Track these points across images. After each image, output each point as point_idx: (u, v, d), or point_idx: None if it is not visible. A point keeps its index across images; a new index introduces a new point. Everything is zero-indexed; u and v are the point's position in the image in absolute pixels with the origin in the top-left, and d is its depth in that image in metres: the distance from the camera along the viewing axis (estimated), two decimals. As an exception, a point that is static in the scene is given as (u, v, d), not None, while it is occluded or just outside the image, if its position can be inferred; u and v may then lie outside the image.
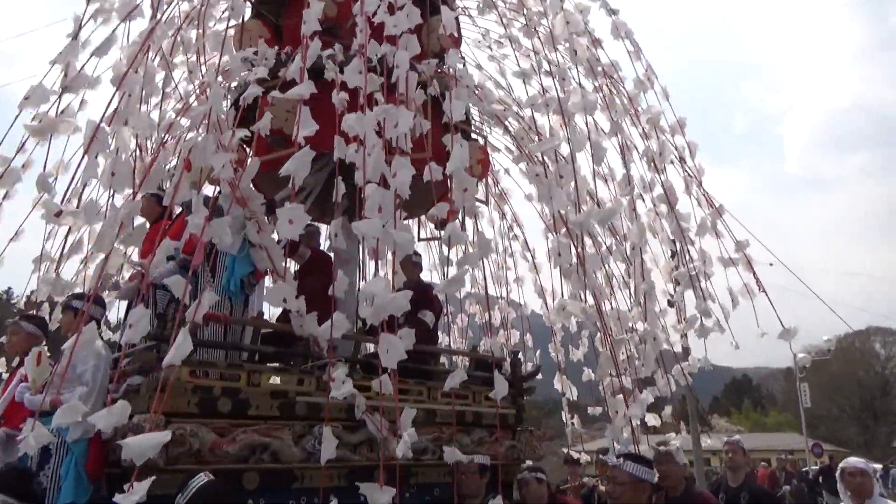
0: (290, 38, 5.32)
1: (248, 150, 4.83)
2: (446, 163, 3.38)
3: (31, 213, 3.85)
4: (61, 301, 3.87)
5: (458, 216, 5.53)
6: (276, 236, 4.13)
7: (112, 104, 2.84)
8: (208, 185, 4.02)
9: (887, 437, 41.17)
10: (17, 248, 4.66)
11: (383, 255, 2.70)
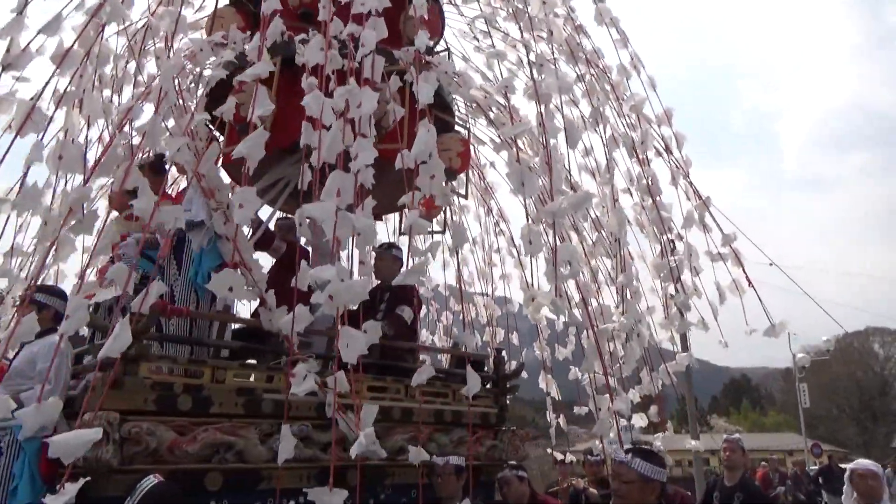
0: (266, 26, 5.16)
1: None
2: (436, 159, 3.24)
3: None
4: (20, 294, 3.72)
5: (432, 207, 5.42)
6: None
7: (56, 84, 2.71)
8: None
9: (886, 437, 41.06)
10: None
11: (346, 244, 2.55)
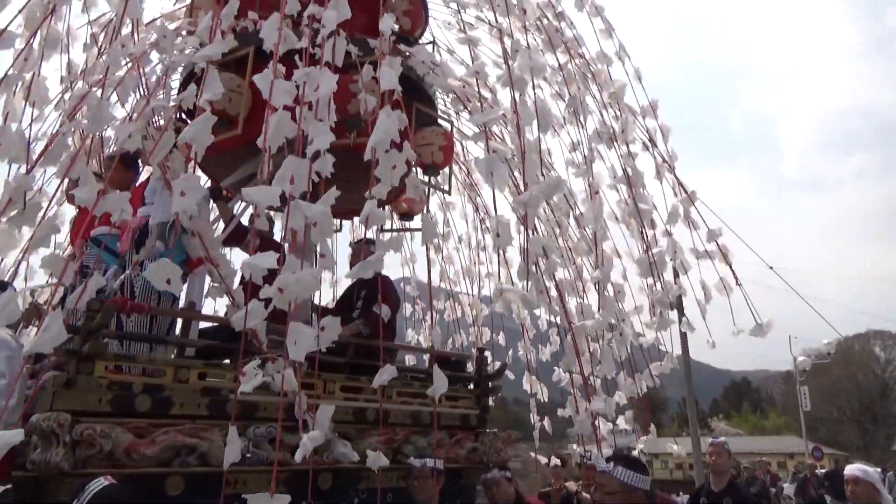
0: (245, 15, 5.03)
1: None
2: (405, 150, 3.10)
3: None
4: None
5: (415, 204, 5.28)
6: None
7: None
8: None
9: (886, 440, 40.85)
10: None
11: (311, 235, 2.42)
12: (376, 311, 4.44)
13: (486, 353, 5.25)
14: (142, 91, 3.39)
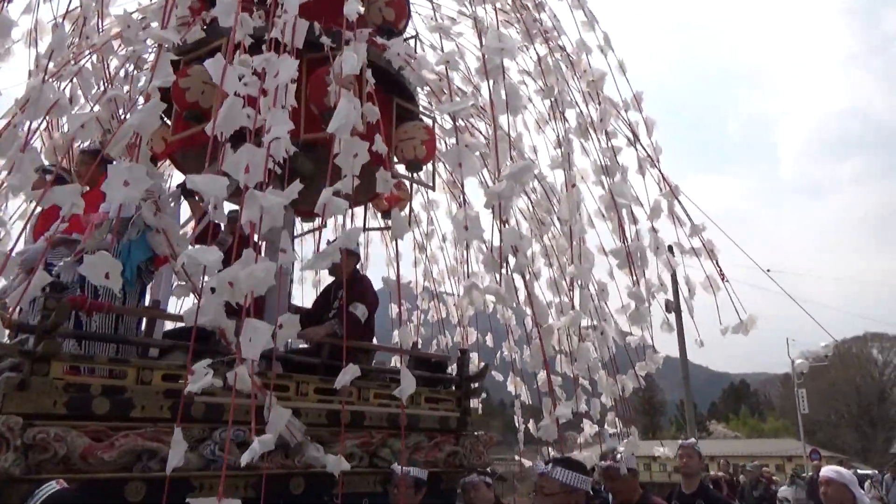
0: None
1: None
2: (376, 142, 2.99)
3: None
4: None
5: (395, 200, 5.15)
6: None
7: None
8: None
9: (884, 442, 40.76)
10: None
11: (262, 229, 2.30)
12: (352, 310, 4.33)
13: (472, 354, 5.13)
14: (105, 83, 3.28)
